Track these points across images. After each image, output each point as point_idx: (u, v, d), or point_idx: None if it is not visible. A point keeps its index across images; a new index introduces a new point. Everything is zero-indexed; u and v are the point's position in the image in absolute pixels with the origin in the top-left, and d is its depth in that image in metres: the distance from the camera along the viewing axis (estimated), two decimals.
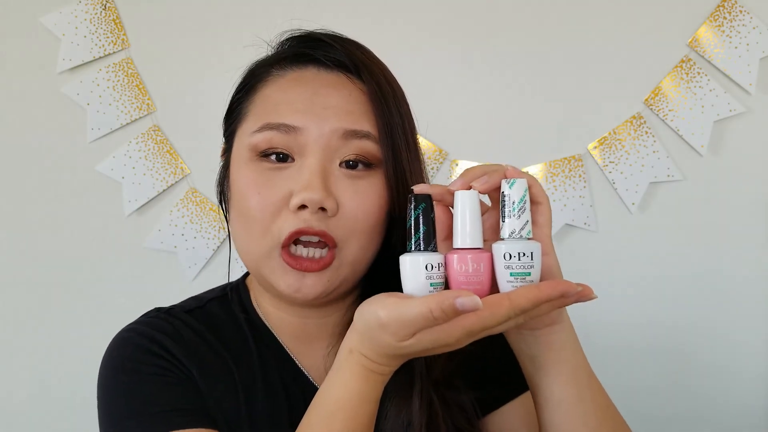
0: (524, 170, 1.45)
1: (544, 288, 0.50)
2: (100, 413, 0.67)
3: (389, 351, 0.53)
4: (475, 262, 0.52)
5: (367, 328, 0.53)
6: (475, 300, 0.47)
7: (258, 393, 0.69)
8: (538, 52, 1.47)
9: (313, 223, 0.63)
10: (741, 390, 1.45)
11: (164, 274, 1.50)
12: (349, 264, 0.66)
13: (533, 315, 0.52)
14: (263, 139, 0.65)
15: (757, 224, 1.44)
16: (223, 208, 0.74)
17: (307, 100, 0.65)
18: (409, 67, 0.73)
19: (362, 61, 0.68)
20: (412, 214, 0.54)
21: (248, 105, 0.69)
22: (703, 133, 1.43)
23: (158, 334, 0.69)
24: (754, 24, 1.41)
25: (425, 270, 0.52)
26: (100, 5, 1.50)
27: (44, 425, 1.50)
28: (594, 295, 0.52)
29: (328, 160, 0.65)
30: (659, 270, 1.46)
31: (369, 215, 0.66)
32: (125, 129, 1.51)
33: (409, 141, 0.68)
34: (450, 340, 0.51)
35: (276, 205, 0.64)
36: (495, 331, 0.52)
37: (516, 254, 0.52)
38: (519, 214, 0.53)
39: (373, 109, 0.66)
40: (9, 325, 1.51)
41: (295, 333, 0.73)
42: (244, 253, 0.69)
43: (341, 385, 0.56)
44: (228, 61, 1.49)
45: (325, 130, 0.64)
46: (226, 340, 0.72)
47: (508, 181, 0.54)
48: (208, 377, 0.68)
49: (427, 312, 0.48)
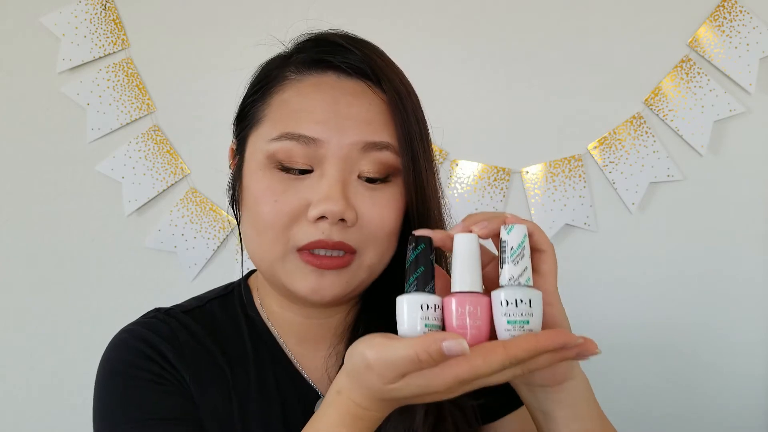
0: (524, 170, 1.46)
1: (542, 338, 0.47)
2: (95, 412, 0.67)
3: (377, 394, 0.51)
4: (473, 306, 0.50)
5: (355, 369, 0.51)
6: (462, 344, 0.45)
7: (252, 395, 0.69)
8: (538, 52, 1.47)
9: (333, 235, 0.63)
10: (741, 390, 1.45)
11: (164, 274, 1.50)
12: (366, 268, 0.66)
13: (531, 368, 0.50)
14: (281, 149, 0.64)
15: (757, 224, 1.44)
16: (234, 210, 0.73)
17: (327, 110, 0.64)
18: (409, 67, 0.72)
19: (381, 68, 0.67)
20: (411, 255, 0.53)
21: (264, 109, 0.68)
22: (703, 133, 1.43)
23: (154, 337, 0.68)
24: (754, 24, 1.41)
25: (420, 310, 0.50)
26: (100, 5, 1.50)
27: (44, 425, 1.50)
28: (597, 351, 0.49)
29: (348, 172, 0.64)
30: (659, 270, 1.46)
31: (386, 224, 0.66)
32: (125, 129, 1.51)
33: (426, 148, 0.68)
34: (440, 388, 0.48)
35: (292, 214, 0.64)
36: (490, 382, 0.50)
37: (513, 301, 0.50)
38: (517, 260, 0.51)
39: (393, 119, 0.66)
40: (9, 325, 1.51)
41: (298, 333, 0.73)
42: (256, 257, 0.68)
43: (327, 427, 0.54)
44: (228, 61, 1.49)
45: (345, 142, 0.64)
46: (223, 341, 0.71)
47: (506, 226, 0.53)
48: (201, 381, 0.68)
49: (412, 354, 0.47)
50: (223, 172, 0.77)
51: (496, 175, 1.47)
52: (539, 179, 1.46)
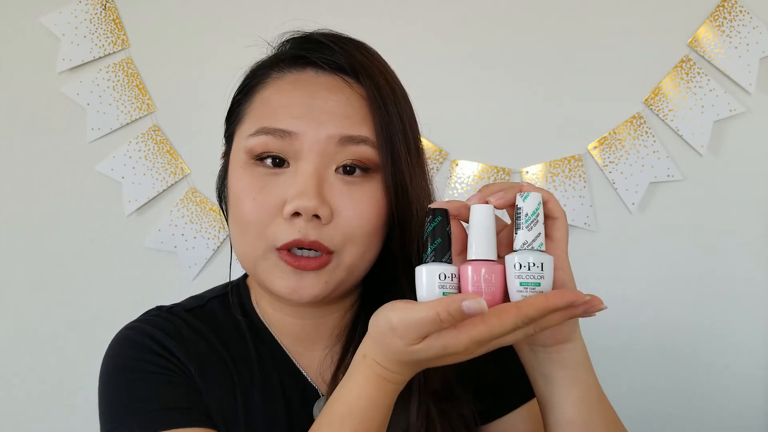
0: (524, 170, 1.46)
1: (551, 297, 0.49)
2: (101, 410, 0.67)
3: (400, 357, 0.53)
4: (488, 273, 0.53)
5: (380, 332, 0.53)
6: (481, 303, 0.47)
7: (255, 392, 0.69)
8: (538, 52, 1.47)
9: (308, 232, 0.62)
10: (741, 390, 1.45)
11: (164, 274, 1.50)
12: (345, 268, 0.66)
13: (543, 326, 0.52)
14: (258, 143, 0.65)
15: (757, 224, 1.44)
16: (223, 209, 0.74)
17: (304, 105, 0.65)
18: (409, 67, 0.72)
19: (361, 63, 0.67)
20: (428, 227, 0.55)
21: (247, 107, 0.69)
22: (703, 133, 1.43)
23: (159, 333, 0.69)
24: (754, 24, 1.41)
25: (439, 279, 0.53)
26: (100, 5, 1.50)
27: (44, 425, 1.50)
28: (603, 306, 0.52)
29: (324, 166, 0.64)
30: (659, 270, 1.46)
31: (365, 222, 0.65)
32: (125, 129, 1.51)
33: (410, 145, 0.67)
34: (459, 348, 0.51)
35: (270, 212, 0.64)
36: (505, 342, 0.52)
37: (526, 264, 0.52)
38: (531, 226, 0.54)
39: (371, 113, 0.65)
40: (9, 325, 1.51)
41: (293, 334, 0.73)
42: (240, 255, 0.69)
43: (353, 389, 0.56)
44: (228, 61, 1.49)
45: (322, 135, 0.63)
46: (226, 339, 0.72)
47: (521, 194, 0.55)
48: (206, 376, 0.68)
49: (434, 314, 0.48)
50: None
51: (496, 175, 1.47)
52: (539, 179, 1.46)
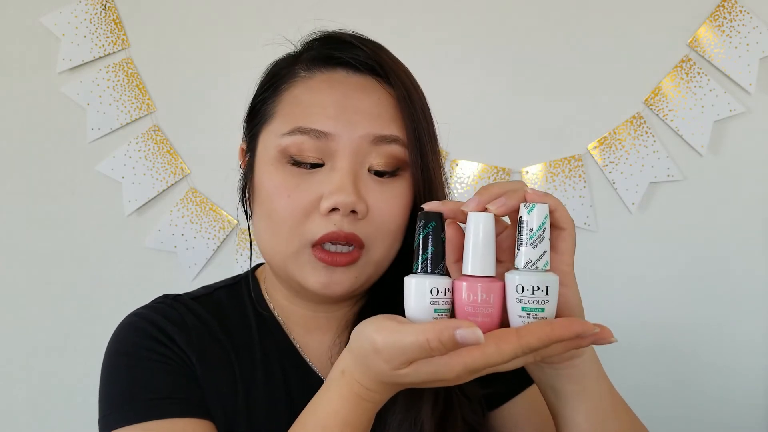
0: (524, 170, 1.46)
1: (557, 326, 0.45)
2: (101, 394, 0.68)
3: (383, 378, 0.50)
4: (485, 293, 0.48)
5: (362, 351, 0.50)
6: (477, 333, 0.44)
7: (258, 382, 0.69)
8: (538, 52, 1.47)
9: (344, 226, 0.63)
10: (742, 389, 1.44)
11: (164, 274, 1.50)
12: (374, 263, 0.67)
13: (545, 355, 0.49)
14: (293, 143, 0.65)
15: (757, 224, 1.44)
16: (245, 207, 0.74)
17: (337, 105, 0.66)
18: (409, 67, 0.73)
19: (389, 64, 0.69)
20: (421, 233, 0.50)
21: (275, 105, 0.69)
22: (703, 133, 1.43)
23: (163, 321, 0.69)
24: (754, 24, 1.41)
25: (430, 294, 0.48)
26: (100, 5, 1.50)
27: (44, 425, 1.50)
28: (613, 339, 0.47)
29: (358, 165, 0.65)
30: (659, 270, 1.46)
31: (396, 217, 0.67)
32: (125, 129, 1.51)
33: (434, 144, 0.69)
34: (449, 375, 0.47)
35: (306, 209, 0.65)
36: (501, 369, 0.48)
37: (529, 287, 0.47)
38: (536, 243, 0.48)
39: (402, 113, 0.67)
40: (9, 324, 1.51)
41: (304, 324, 0.74)
42: (269, 252, 0.69)
43: (328, 406, 0.53)
44: (228, 61, 1.50)
45: (356, 135, 0.65)
46: (230, 328, 0.72)
47: (526, 205, 0.49)
48: (208, 365, 0.68)
49: (423, 342, 0.45)
50: (222, 172, 0.77)
51: (496, 175, 1.47)
52: (539, 179, 1.46)
